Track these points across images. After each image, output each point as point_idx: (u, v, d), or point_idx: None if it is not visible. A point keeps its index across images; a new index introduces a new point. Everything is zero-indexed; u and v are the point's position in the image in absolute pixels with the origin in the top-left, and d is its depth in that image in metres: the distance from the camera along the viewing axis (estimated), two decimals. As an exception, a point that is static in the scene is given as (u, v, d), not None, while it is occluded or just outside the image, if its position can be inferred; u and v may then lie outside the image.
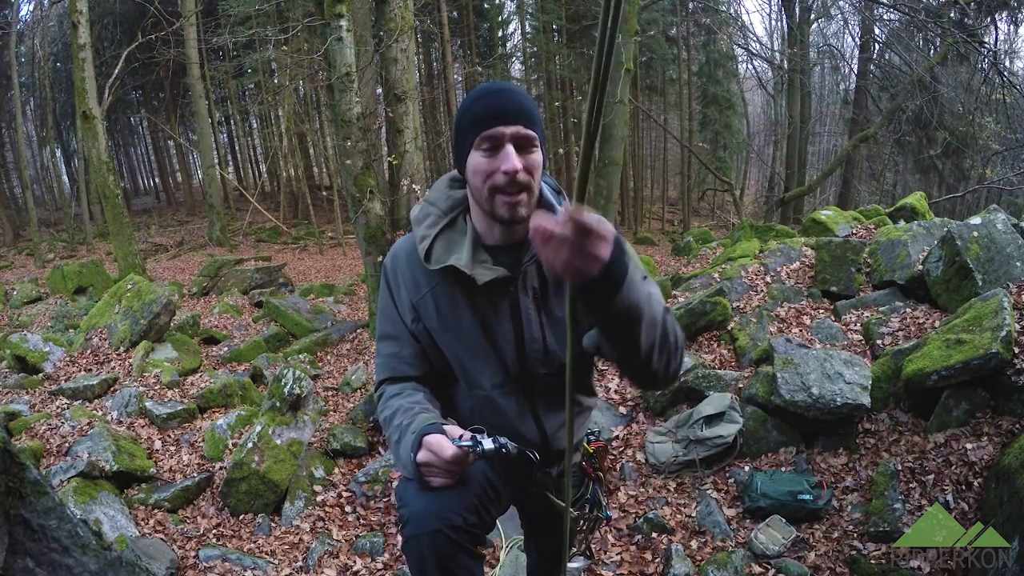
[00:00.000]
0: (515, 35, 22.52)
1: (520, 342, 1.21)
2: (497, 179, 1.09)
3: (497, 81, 1.84)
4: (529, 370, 1.23)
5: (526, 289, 1.20)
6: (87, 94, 9.10)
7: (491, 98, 1.10)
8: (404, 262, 1.25)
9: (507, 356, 1.22)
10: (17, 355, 5.35)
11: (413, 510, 1.10)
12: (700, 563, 2.54)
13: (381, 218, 6.00)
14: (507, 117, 1.08)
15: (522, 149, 1.10)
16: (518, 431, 1.26)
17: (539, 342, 1.21)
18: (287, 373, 4.11)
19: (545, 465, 1.35)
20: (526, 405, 1.27)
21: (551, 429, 1.30)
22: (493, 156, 1.09)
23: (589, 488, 1.46)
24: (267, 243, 16.85)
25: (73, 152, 24.18)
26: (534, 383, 1.25)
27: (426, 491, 1.10)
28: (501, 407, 1.25)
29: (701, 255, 7.41)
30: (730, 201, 19.14)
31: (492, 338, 1.20)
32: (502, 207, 1.11)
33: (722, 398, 3.37)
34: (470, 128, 1.10)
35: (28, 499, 2.03)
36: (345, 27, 5.50)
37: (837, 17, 17.58)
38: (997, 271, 3.52)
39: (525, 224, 1.13)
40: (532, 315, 1.20)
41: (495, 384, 1.24)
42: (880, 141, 15.27)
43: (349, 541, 3.10)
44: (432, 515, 1.08)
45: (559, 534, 1.45)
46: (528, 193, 1.11)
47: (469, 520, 1.09)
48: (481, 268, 1.15)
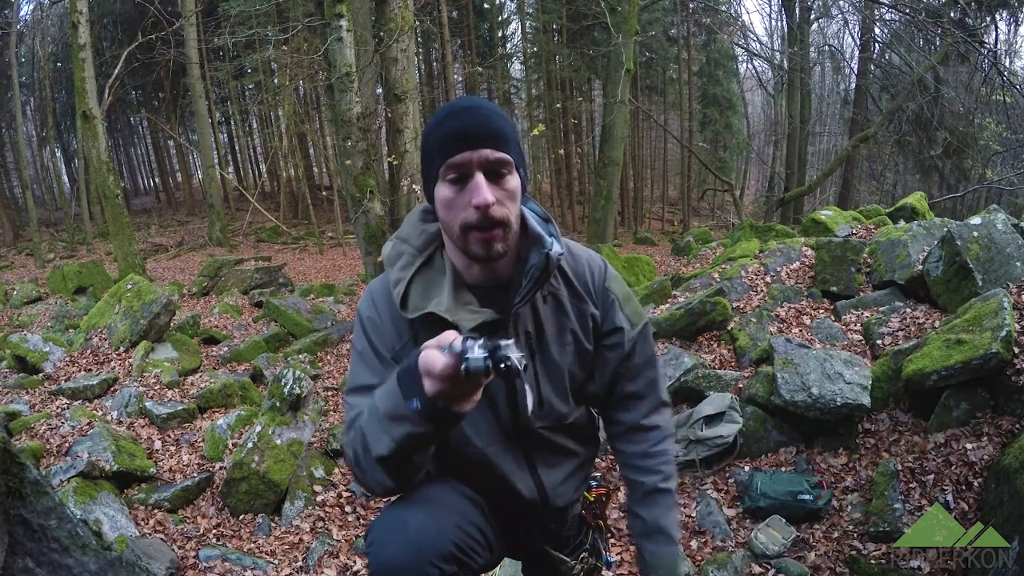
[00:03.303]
0: (515, 35, 22.54)
1: (512, 394, 1.08)
2: (467, 215, 0.95)
3: (466, 97, 1.60)
4: (524, 426, 1.11)
5: (518, 334, 1.06)
6: (87, 94, 9.11)
7: (455, 119, 0.96)
8: (383, 307, 1.09)
9: (500, 410, 1.09)
10: (17, 355, 5.35)
11: (381, 558, 0.96)
12: (700, 563, 2.54)
13: (381, 218, 6.00)
14: (473, 140, 0.94)
15: (494, 176, 0.96)
16: (514, 489, 1.14)
17: (535, 395, 1.09)
18: (287, 373, 4.11)
19: (543, 521, 1.24)
20: (523, 462, 1.14)
21: (550, 485, 1.17)
22: (461, 188, 0.95)
23: (589, 537, 1.36)
24: (267, 243, 16.86)
25: (73, 152, 24.21)
26: (530, 437, 1.13)
27: (399, 534, 0.97)
28: (496, 465, 1.11)
29: (701, 255, 7.41)
30: (730, 201, 19.13)
31: (484, 391, 1.08)
32: (476, 244, 0.97)
33: (722, 398, 3.37)
34: (435, 155, 0.97)
35: (28, 499, 2.03)
36: (345, 27, 5.50)
37: (837, 17, 17.61)
38: (997, 271, 3.52)
39: (507, 259, 1.03)
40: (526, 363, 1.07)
41: (488, 442, 1.10)
42: (880, 141, 15.29)
43: (349, 541, 3.11)
44: (402, 566, 0.94)
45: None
46: (504, 227, 0.97)
47: (446, 571, 0.96)
48: (465, 312, 1.01)
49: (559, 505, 1.20)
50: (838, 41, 19.93)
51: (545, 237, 1.05)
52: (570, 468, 1.21)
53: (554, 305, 1.10)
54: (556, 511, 1.21)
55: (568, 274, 1.12)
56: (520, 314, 1.06)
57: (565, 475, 1.20)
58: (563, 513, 1.25)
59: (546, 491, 1.17)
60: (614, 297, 1.16)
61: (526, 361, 0.86)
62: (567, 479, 1.20)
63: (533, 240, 1.06)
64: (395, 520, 1.00)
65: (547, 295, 1.09)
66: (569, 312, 1.11)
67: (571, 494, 1.23)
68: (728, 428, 3.21)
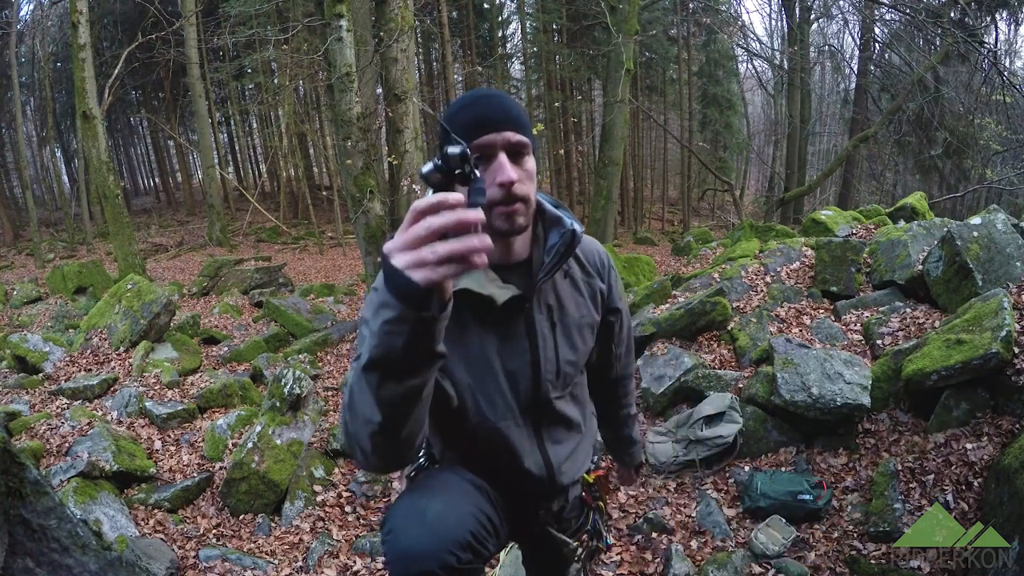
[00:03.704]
0: (515, 35, 22.55)
1: (536, 364, 1.15)
2: (492, 192, 1.02)
3: (482, 88, 1.79)
4: (542, 395, 1.18)
5: (541, 307, 1.15)
6: (87, 94, 9.11)
7: (478, 105, 1.04)
8: None
9: (520, 381, 1.16)
10: (17, 355, 5.35)
11: (400, 546, 0.99)
12: (700, 563, 2.54)
13: (381, 218, 6.00)
14: (496, 123, 1.02)
15: (515, 156, 1.05)
16: (523, 465, 1.20)
17: (554, 363, 1.18)
18: (287, 373, 4.11)
19: (548, 500, 1.31)
20: (533, 437, 1.21)
21: (557, 462, 1.24)
22: (485, 168, 1.03)
23: (589, 518, 1.43)
24: (267, 243, 16.86)
25: (73, 152, 24.21)
26: (543, 411, 1.21)
27: (418, 523, 1.00)
28: (508, 441, 1.17)
29: (701, 255, 7.41)
30: (730, 201, 19.14)
31: (506, 361, 1.14)
32: (499, 219, 1.05)
33: (722, 398, 3.37)
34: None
35: (28, 499, 2.03)
36: (345, 27, 5.50)
37: (837, 17, 17.61)
38: (997, 271, 3.52)
39: (521, 236, 1.11)
40: (547, 334, 1.16)
41: (504, 415, 1.16)
42: (880, 141, 15.29)
43: (349, 541, 3.11)
44: (423, 554, 0.97)
45: (559, 562, 1.42)
46: (525, 203, 1.06)
47: (463, 559, 1.00)
48: (493, 287, 1.08)
49: (564, 482, 1.27)
50: (838, 41, 19.96)
51: (564, 219, 1.16)
52: (574, 444, 1.29)
53: (570, 281, 1.22)
54: (561, 488, 1.28)
55: (579, 254, 1.25)
56: (542, 289, 1.15)
57: (570, 451, 1.28)
58: (567, 491, 1.33)
59: (552, 467, 1.24)
60: (615, 277, 1.33)
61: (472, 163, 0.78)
62: (571, 455, 1.28)
63: (551, 222, 1.17)
64: (413, 508, 1.04)
65: (565, 272, 1.21)
66: (582, 287, 1.24)
67: (575, 471, 1.30)
68: (728, 428, 3.21)
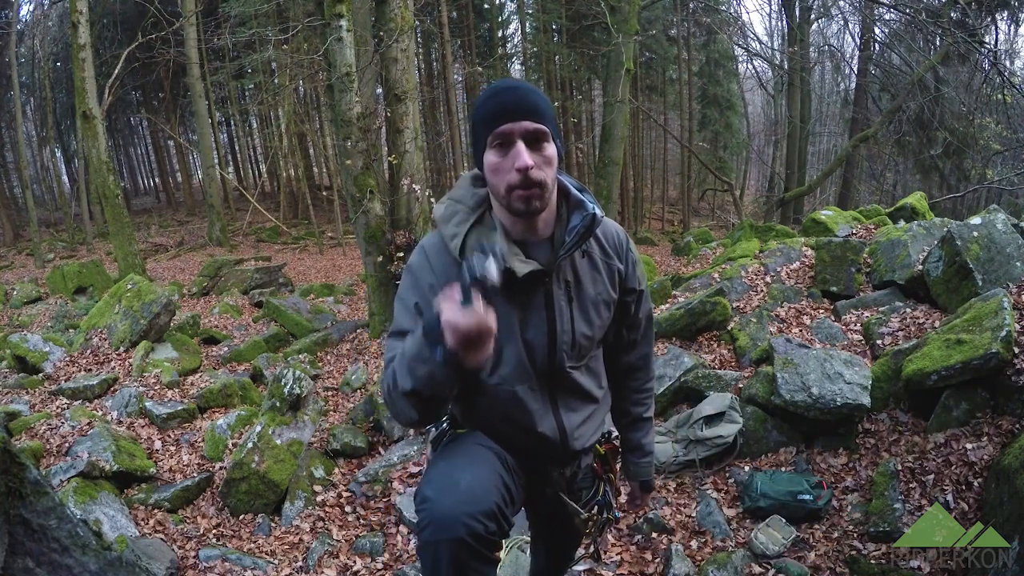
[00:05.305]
0: (515, 35, 22.53)
1: (553, 334, 1.24)
2: (511, 177, 1.11)
3: (508, 79, 1.85)
4: (557, 364, 1.26)
5: (559, 282, 1.24)
6: (87, 94, 9.10)
7: (500, 96, 1.13)
8: (435, 256, 1.25)
9: (537, 350, 1.24)
10: (17, 355, 5.35)
11: (435, 513, 1.09)
12: (700, 563, 2.54)
13: (381, 218, 6.00)
14: (516, 113, 1.10)
15: (534, 143, 1.12)
16: (538, 429, 1.28)
17: (569, 334, 1.25)
18: (287, 373, 4.11)
19: (561, 465, 1.37)
20: (548, 403, 1.29)
21: (570, 427, 1.31)
22: (505, 154, 1.12)
23: (601, 489, 1.48)
24: (267, 243, 16.86)
25: (73, 152, 24.20)
26: (558, 379, 1.28)
27: (451, 492, 1.10)
28: (525, 404, 1.26)
29: (701, 255, 7.41)
30: (730, 201, 19.14)
31: (524, 330, 1.22)
32: (517, 201, 1.13)
33: (722, 398, 3.37)
34: (483, 126, 1.14)
35: (28, 499, 2.03)
36: (345, 27, 5.50)
37: (837, 17, 17.60)
38: (997, 271, 3.52)
39: (544, 216, 1.21)
40: (564, 307, 1.24)
41: (521, 379, 1.25)
42: (880, 141, 15.27)
43: (349, 541, 3.10)
44: (454, 521, 1.06)
45: (570, 536, 1.46)
46: (541, 187, 1.13)
47: (490, 528, 1.09)
48: (516, 261, 1.17)
49: (576, 448, 1.34)
50: (838, 41, 19.93)
51: (587, 203, 1.23)
52: (587, 412, 1.36)
53: (589, 260, 1.29)
54: (574, 454, 1.35)
55: (599, 236, 1.31)
56: (562, 265, 1.23)
57: (583, 418, 1.35)
58: (579, 457, 1.40)
59: (566, 432, 1.31)
60: (635, 259, 1.38)
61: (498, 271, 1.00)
62: (585, 422, 1.35)
63: (575, 205, 1.24)
64: (447, 479, 1.14)
65: (584, 252, 1.28)
66: (600, 266, 1.30)
67: (587, 438, 1.37)
68: (728, 428, 3.21)
